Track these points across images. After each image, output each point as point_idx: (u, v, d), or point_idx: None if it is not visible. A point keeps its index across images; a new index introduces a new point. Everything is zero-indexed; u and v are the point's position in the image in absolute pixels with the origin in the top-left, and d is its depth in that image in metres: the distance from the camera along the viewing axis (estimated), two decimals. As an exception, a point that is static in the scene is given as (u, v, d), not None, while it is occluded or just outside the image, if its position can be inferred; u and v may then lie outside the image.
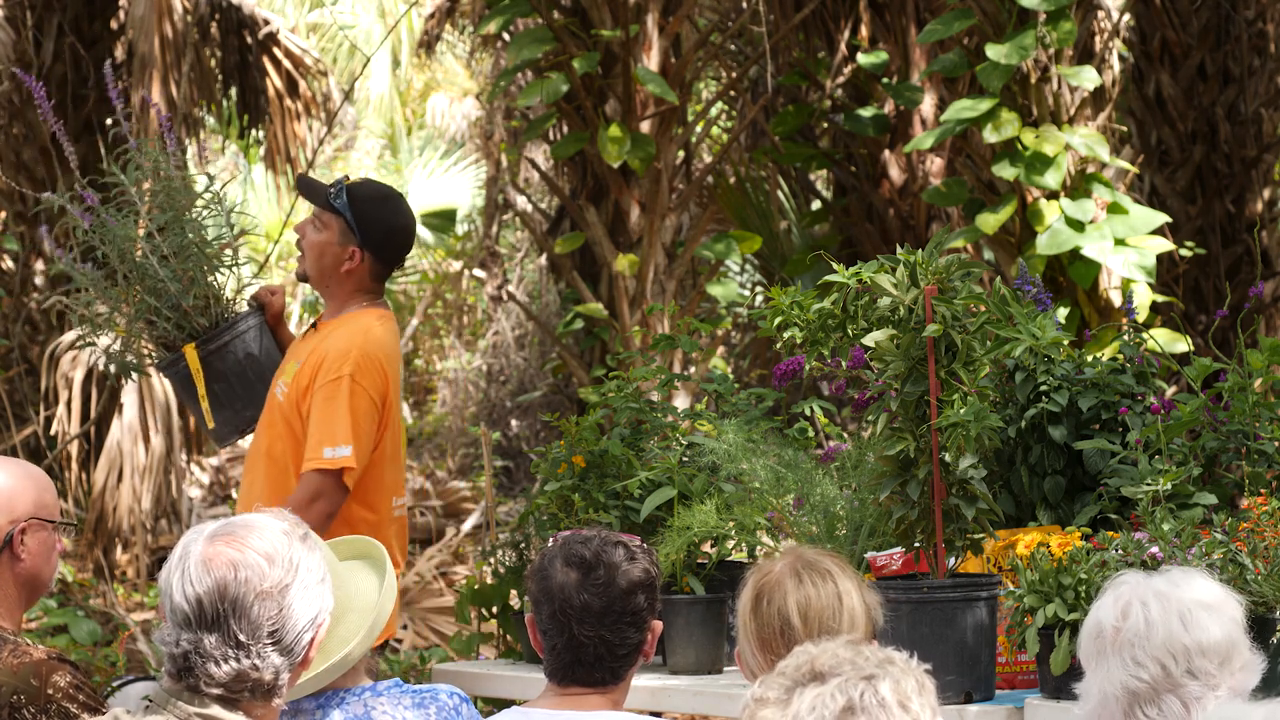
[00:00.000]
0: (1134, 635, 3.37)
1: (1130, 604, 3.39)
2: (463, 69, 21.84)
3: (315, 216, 5.76)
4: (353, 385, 5.58)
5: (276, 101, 13.28)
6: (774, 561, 3.84)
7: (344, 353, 5.61)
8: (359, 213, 5.70)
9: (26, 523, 4.26)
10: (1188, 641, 3.35)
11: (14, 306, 12.17)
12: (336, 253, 5.72)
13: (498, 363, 18.44)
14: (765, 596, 3.77)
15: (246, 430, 5.99)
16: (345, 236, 5.72)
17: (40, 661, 4.09)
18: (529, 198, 13.80)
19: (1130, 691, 3.35)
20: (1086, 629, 3.46)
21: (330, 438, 5.53)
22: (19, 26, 12.08)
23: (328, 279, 5.75)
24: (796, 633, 3.71)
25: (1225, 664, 3.36)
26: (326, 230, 5.73)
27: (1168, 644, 3.35)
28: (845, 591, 3.77)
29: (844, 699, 2.70)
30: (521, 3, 10.04)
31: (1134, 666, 3.35)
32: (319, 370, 5.62)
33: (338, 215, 5.71)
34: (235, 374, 5.89)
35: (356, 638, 3.83)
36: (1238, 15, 11.60)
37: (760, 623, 3.76)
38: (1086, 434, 5.04)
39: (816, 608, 3.74)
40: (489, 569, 5.94)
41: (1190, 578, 3.44)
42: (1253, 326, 9.99)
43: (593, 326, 10.42)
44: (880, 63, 11.62)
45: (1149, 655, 3.34)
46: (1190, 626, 3.36)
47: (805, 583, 3.76)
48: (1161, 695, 3.34)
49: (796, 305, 4.59)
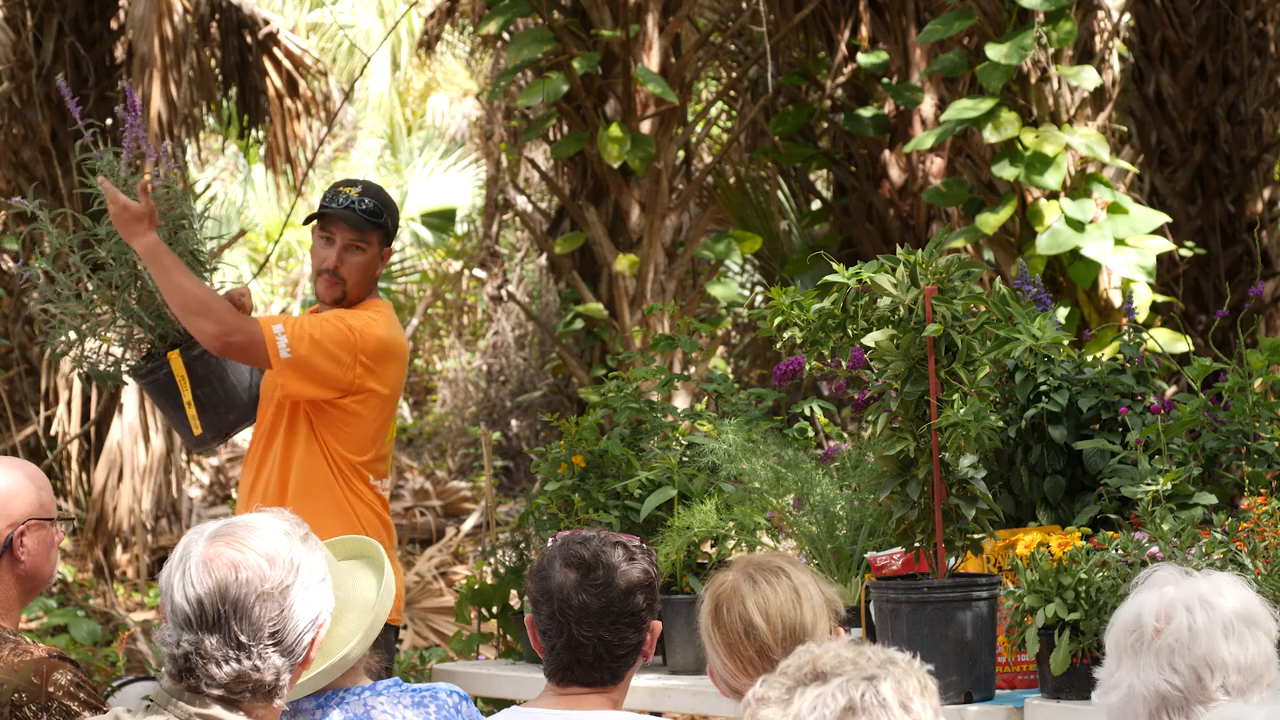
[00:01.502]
0: (1175, 641, 3.31)
1: (1175, 607, 3.33)
2: (463, 69, 21.84)
3: (355, 240, 5.79)
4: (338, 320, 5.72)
5: (276, 101, 13.28)
6: (725, 572, 3.84)
7: (342, 313, 5.74)
8: (389, 220, 5.83)
9: (25, 525, 4.26)
10: (1226, 656, 3.29)
11: (14, 306, 12.17)
12: (376, 263, 5.83)
13: (498, 363, 18.44)
14: (724, 605, 3.76)
15: (229, 434, 6.05)
16: (382, 244, 5.83)
17: (41, 660, 4.09)
18: (529, 198, 13.80)
19: (1161, 695, 3.30)
20: (1124, 620, 3.40)
21: (287, 327, 5.62)
22: (19, 26, 12.08)
23: (361, 289, 5.84)
24: (760, 632, 3.70)
25: (1257, 683, 3.31)
26: (369, 249, 5.80)
27: (1208, 657, 3.30)
28: (801, 584, 3.76)
29: (845, 699, 2.69)
30: (521, 3, 10.04)
31: (1169, 672, 3.30)
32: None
33: (379, 231, 5.80)
34: (216, 378, 5.94)
35: (356, 638, 3.83)
36: (1238, 15, 11.60)
37: (723, 630, 3.75)
38: (1086, 434, 5.04)
39: (776, 605, 3.73)
40: (489, 569, 5.95)
41: (1234, 587, 3.36)
42: (1253, 326, 9.99)
43: (593, 326, 10.42)
44: (880, 63, 11.62)
45: (1187, 664, 3.29)
46: (1231, 641, 3.31)
47: (760, 584, 3.75)
48: (1191, 705, 3.30)
49: (796, 305, 4.59)
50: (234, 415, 5.97)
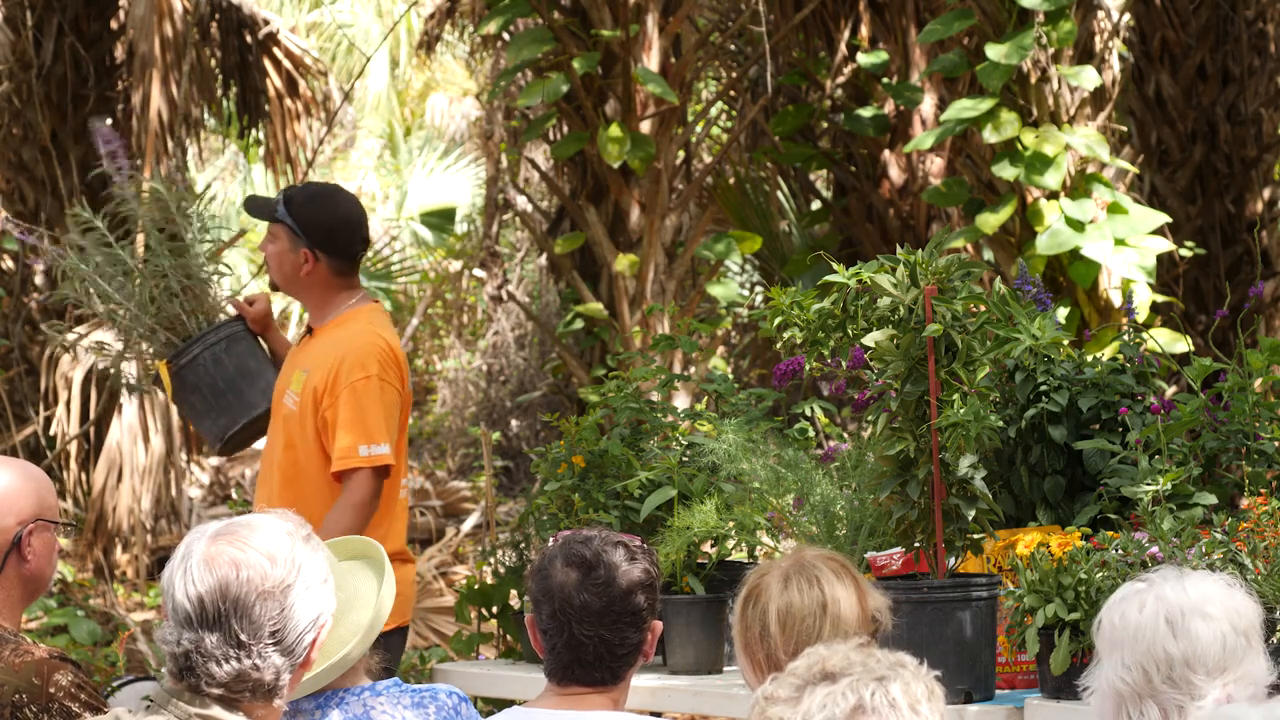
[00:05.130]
0: (1125, 636, 3.34)
1: (1129, 603, 3.37)
2: (462, 69, 21.84)
3: (269, 230, 6.00)
4: (382, 384, 5.78)
5: (276, 101, 13.28)
6: (774, 562, 3.83)
7: (366, 350, 5.79)
8: (297, 216, 5.94)
9: (34, 524, 4.26)
10: (1172, 649, 3.29)
11: (14, 306, 12.17)
12: (292, 260, 5.94)
13: (498, 363, 18.44)
14: (753, 598, 3.76)
15: (226, 440, 6.12)
16: (294, 242, 5.94)
17: (42, 660, 4.10)
18: (529, 198, 13.80)
19: (1117, 692, 3.33)
20: (1098, 620, 3.43)
21: (366, 436, 5.70)
22: (19, 26, 12.08)
23: (294, 285, 5.99)
24: (774, 641, 3.69)
25: (1215, 674, 3.30)
26: (277, 241, 5.97)
27: (1150, 650, 3.31)
28: (832, 599, 3.72)
29: (854, 698, 2.70)
30: (521, 3, 10.03)
31: (1122, 669, 3.33)
32: (340, 370, 5.77)
33: (282, 224, 5.95)
34: (207, 384, 6.08)
35: (355, 638, 3.83)
36: (1238, 15, 11.60)
37: (744, 625, 3.75)
38: (1086, 434, 5.04)
39: (797, 614, 3.70)
40: (489, 569, 5.95)
41: (1201, 583, 3.35)
42: (1253, 326, 9.99)
43: (593, 326, 10.42)
44: (880, 63, 11.61)
45: (1134, 659, 3.32)
46: (1179, 634, 3.30)
47: (790, 588, 3.72)
48: (1143, 700, 3.31)
49: (796, 305, 4.59)
50: (225, 420, 6.08)
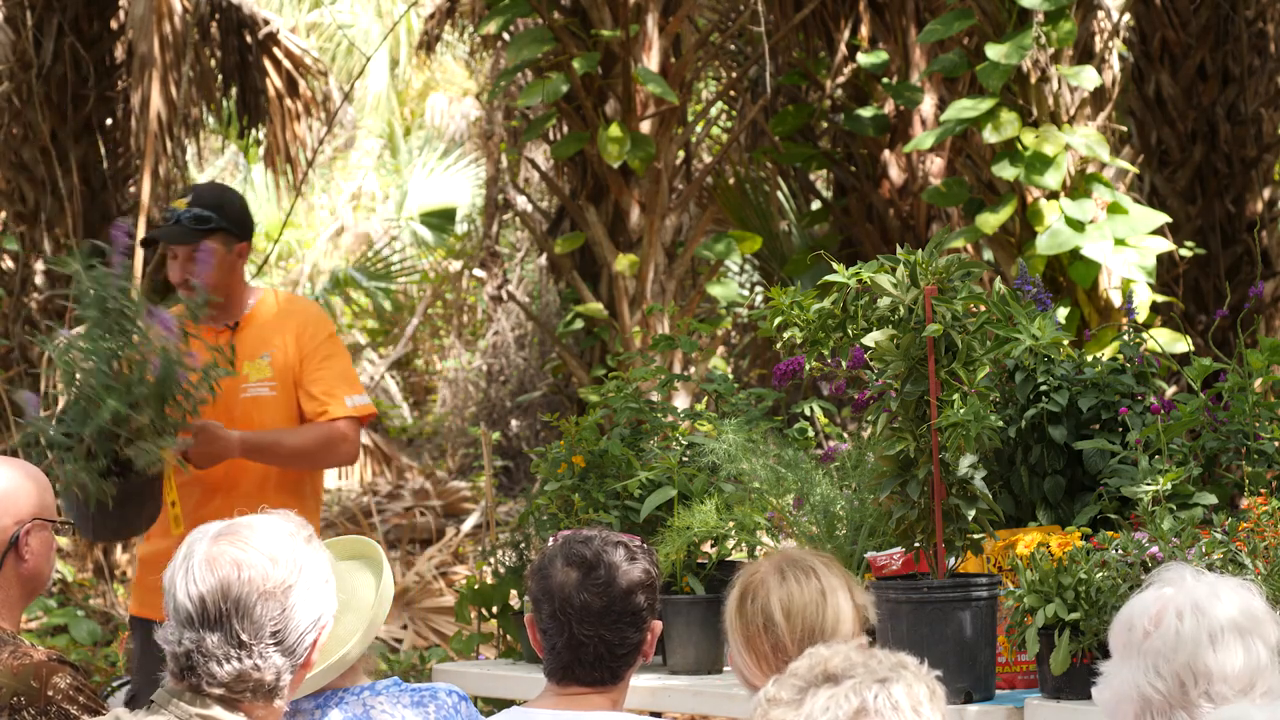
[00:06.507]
0: (1161, 645, 3.29)
1: (1165, 611, 3.31)
2: (462, 69, 21.84)
3: (192, 252, 5.98)
4: (339, 341, 6.22)
5: (276, 101, 13.27)
6: (761, 562, 3.85)
7: (316, 315, 6.24)
8: (230, 217, 6.08)
9: (31, 523, 4.26)
10: (1212, 665, 3.26)
11: (14, 306, 12.17)
12: (230, 260, 6.09)
13: (498, 363, 18.43)
14: (749, 595, 3.78)
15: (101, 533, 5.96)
16: (230, 242, 6.09)
17: (40, 663, 4.09)
18: (529, 198, 13.80)
19: (1145, 697, 3.29)
20: (1122, 618, 3.38)
21: (349, 388, 6.10)
22: (19, 26, 12.08)
23: (228, 284, 6.11)
24: (780, 629, 3.71)
25: (1246, 691, 3.28)
26: (216, 254, 6.01)
27: (1191, 664, 3.26)
28: (830, 589, 3.76)
29: (857, 700, 2.70)
30: (521, 3, 10.03)
31: (1154, 676, 3.29)
32: (304, 336, 6.12)
33: (220, 232, 6.04)
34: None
35: (354, 638, 3.83)
36: (1238, 15, 11.59)
37: (744, 621, 3.77)
38: (1086, 434, 5.04)
39: (800, 604, 3.73)
40: (489, 569, 5.95)
41: (1235, 593, 3.32)
42: (1253, 326, 9.98)
43: (593, 326, 10.41)
44: (880, 63, 11.61)
45: (1170, 670, 3.27)
46: (1219, 650, 3.27)
47: (789, 580, 3.76)
48: (1174, 710, 3.28)
49: (796, 305, 4.59)
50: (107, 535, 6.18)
